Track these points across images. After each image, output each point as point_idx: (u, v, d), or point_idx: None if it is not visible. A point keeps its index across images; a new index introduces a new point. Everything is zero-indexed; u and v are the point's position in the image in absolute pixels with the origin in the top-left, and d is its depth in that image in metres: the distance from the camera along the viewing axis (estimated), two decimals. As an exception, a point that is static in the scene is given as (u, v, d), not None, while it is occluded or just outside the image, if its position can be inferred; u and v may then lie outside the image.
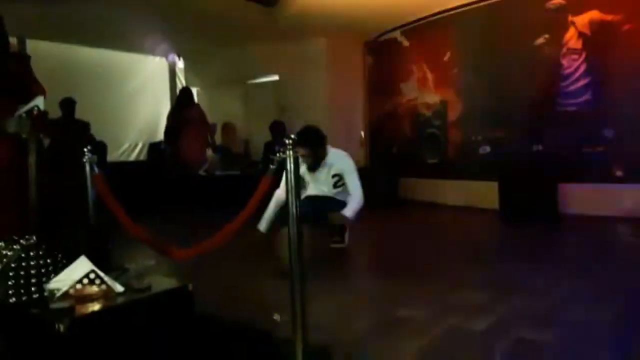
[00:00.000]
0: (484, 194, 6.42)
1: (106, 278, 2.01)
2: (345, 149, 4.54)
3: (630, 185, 5.53)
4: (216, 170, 7.64)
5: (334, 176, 4.30)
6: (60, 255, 2.16)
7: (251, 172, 7.19)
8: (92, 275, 1.97)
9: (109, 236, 2.83)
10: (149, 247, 2.46)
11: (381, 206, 7.02)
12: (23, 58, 3.59)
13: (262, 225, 4.21)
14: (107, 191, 2.63)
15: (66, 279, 1.97)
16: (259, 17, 7.43)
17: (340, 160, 4.30)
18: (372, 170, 8.13)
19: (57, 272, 2.06)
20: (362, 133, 8.87)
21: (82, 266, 2.02)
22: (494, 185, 6.00)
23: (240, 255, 4.05)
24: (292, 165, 2.21)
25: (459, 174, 7.15)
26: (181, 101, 7.93)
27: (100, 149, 6.52)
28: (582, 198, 5.77)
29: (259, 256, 4.12)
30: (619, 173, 5.67)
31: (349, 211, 4.12)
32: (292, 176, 2.22)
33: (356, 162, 7.64)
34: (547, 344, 2.19)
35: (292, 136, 2.31)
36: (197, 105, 8.22)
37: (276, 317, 2.40)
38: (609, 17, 5.66)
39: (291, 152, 2.20)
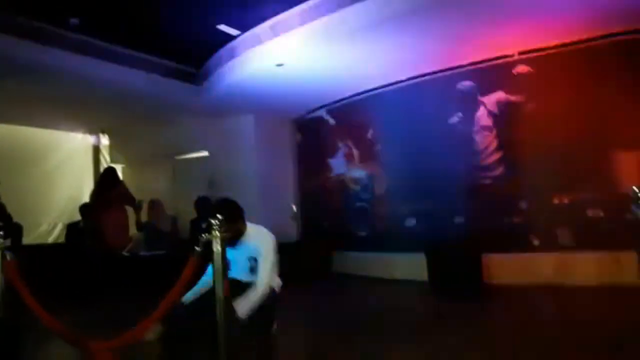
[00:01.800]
0: (413, 266, 6.46)
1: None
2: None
3: (547, 254, 5.85)
4: (141, 251, 7.29)
5: (249, 259, 3.55)
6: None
7: (177, 253, 6.86)
8: (-3, 377, 1.80)
9: (21, 329, 2.61)
10: (64, 340, 2.29)
11: (313, 280, 6.97)
12: None
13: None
14: (19, 279, 2.46)
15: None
16: (187, 94, 7.54)
17: (259, 240, 3.58)
18: (305, 244, 8.13)
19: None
20: (294, 207, 8.93)
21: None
22: (422, 257, 6.12)
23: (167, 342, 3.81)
24: (219, 247, 2.19)
25: (387, 246, 7.28)
26: (104, 180, 7.68)
27: (15, 231, 6.11)
28: (503, 268, 5.99)
29: (188, 343, 3.90)
30: (535, 242, 6.00)
31: (244, 308, 3.21)
32: (219, 258, 2.19)
33: (289, 236, 7.64)
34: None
35: (219, 217, 2.30)
36: (122, 183, 7.98)
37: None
38: (513, 98, 6.21)
39: (218, 233, 2.18)
